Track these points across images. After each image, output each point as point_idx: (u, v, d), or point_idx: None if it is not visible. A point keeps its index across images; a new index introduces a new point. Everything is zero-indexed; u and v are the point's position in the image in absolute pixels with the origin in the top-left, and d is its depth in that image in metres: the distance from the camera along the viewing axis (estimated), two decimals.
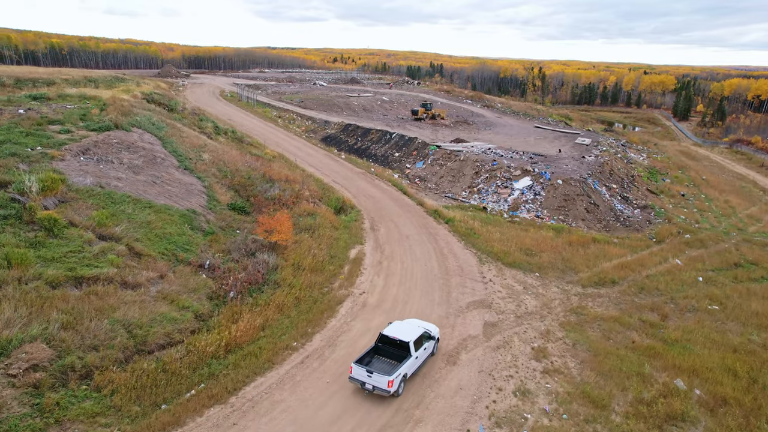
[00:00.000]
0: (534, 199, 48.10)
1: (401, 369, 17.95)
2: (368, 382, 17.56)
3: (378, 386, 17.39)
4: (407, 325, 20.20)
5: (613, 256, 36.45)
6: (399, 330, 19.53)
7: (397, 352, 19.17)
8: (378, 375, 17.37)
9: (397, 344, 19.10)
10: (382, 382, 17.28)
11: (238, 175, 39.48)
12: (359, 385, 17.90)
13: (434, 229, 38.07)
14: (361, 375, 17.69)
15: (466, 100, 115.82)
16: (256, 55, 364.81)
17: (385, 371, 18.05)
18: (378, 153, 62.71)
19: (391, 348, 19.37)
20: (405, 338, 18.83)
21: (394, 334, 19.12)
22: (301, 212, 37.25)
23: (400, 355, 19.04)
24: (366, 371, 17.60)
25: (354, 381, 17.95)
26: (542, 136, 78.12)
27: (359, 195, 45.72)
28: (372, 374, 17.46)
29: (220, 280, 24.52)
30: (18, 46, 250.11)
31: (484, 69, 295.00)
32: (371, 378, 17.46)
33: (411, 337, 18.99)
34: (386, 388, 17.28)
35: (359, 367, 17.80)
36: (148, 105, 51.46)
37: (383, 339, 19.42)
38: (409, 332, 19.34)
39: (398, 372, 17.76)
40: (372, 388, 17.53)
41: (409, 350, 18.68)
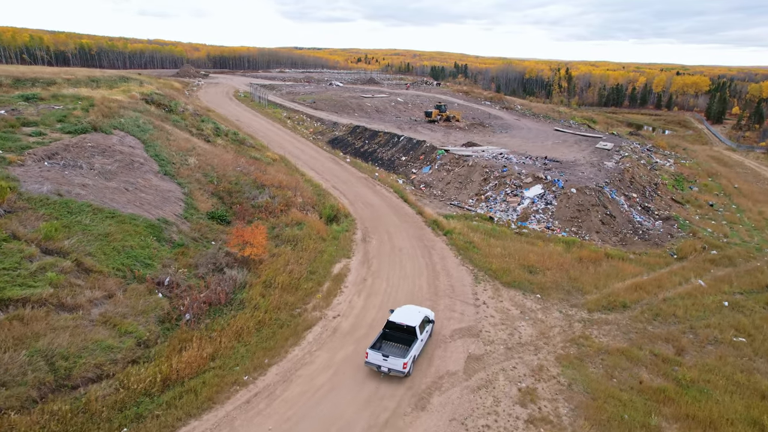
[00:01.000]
0: (545, 208, 44.80)
1: (412, 351, 19.67)
2: (384, 365, 19.11)
3: (394, 368, 18.99)
4: (409, 311, 21.70)
5: (626, 275, 33.07)
6: (404, 316, 21.11)
7: (404, 336, 20.93)
8: (393, 358, 19.00)
9: (404, 329, 20.77)
10: (398, 365, 18.93)
11: (225, 180, 37.44)
12: (375, 368, 19.41)
13: (431, 241, 35.28)
14: (377, 359, 19.17)
15: (484, 102, 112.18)
16: (280, 56, 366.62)
17: (398, 354, 19.82)
18: (384, 157, 60.11)
19: (397, 333, 21.05)
20: (411, 323, 20.52)
21: (400, 320, 20.74)
22: (288, 221, 34.95)
23: (407, 339, 20.82)
24: (382, 355, 19.07)
25: (370, 365, 19.44)
26: (561, 140, 74.27)
27: (357, 202, 43.21)
28: (388, 358, 19.03)
29: (177, 299, 22.32)
30: (50, 46, 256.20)
31: (509, 70, 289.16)
32: (387, 361, 19.04)
33: (416, 321, 20.69)
34: (402, 370, 18.92)
35: (375, 353, 19.31)
36: (146, 106, 50.01)
37: (390, 325, 21.03)
38: (413, 317, 20.99)
39: (410, 354, 19.44)
40: (387, 370, 19.11)
41: (416, 334, 20.49)
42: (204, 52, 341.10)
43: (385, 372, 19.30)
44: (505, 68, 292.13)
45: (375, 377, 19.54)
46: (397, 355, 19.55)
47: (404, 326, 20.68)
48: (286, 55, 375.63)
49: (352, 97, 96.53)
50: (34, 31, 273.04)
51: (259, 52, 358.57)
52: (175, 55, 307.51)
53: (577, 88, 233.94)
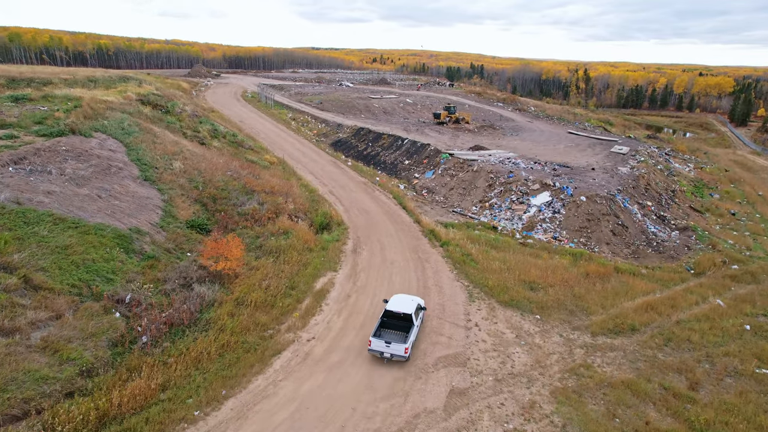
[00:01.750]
0: (552, 217, 42.19)
1: (411, 337, 20.96)
2: (386, 352, 20.32)
3: (396, 354, 20.22)
4: (403, 300, 23.06)
5: (637, 293, 30.44)
6: (400, 304, 22.43)
7: (401, 323, 22.14)
8: (395, 344, 20.20)
9: (401, 317, 22.02)
10: (400, 350, 20.18)
11: (212, 185, 35.67)
12: (378, 355, 20.53)
13: (426, 253, 33.02)
14: (380, 346, 20.33)
15: (496, 103, 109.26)
16: (295, 56, 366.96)
17: (399, 341, 20.93)
18: (387, 160, 57.97)
19: (395, 321, 22.19)
20: (407, 311, 21.86)
21: (397, 308, 22.08)
22: (275, 230, 33.02)
23: (405, 326, 22.06)
24: (384, 342, 20.28)
25: (373, 352, 20.52)
26: (574, 144, 71.28)
27: (352, 209, 41.14)
28: (390, 344, 20.21)
29: (135, 320, 20.47)
30: (69, 47, 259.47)
31: (525, 70, 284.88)
32: (389, 347, 20.22)
33: (411, 309, 22.03)
34: (404, 355, 20.19)
35: (377, 340, 20.42)
36: (140, 107, 48.62)
37: (388, 314, 22.22)
38: (408, 305, 22.35)
39: (410, 340, 20.79)
40: (390, 356, 20.36)
41: (412, 321, 21.87)
42: (220, 52, 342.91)
43: (387, 358, 20.51)
44: (522, 69, 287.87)
45: (341, 413, 17.41)
46: (398, 341, 20.68)
47: (401, 314, 21.95)
48: (301, 56, 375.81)
49: (360, 98, 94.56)
50: (54, 32, 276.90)
51: (274, 53, 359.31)
52: (191, 56, 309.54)
53: (595, 89, 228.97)
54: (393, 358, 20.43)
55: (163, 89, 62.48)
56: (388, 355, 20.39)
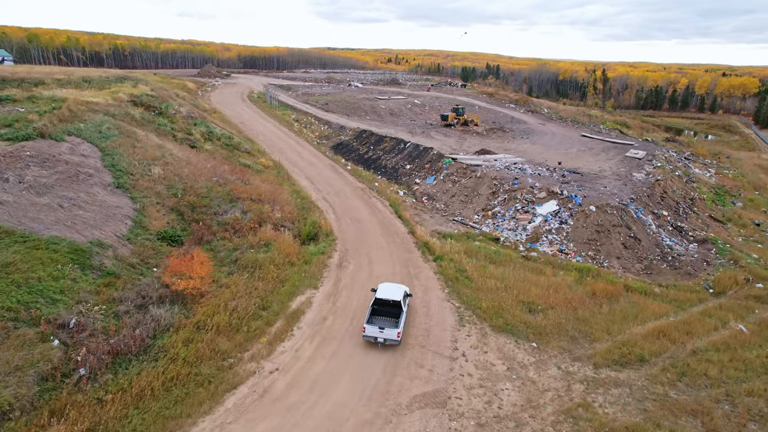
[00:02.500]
0: (559, 228, 39.32)
1: (401, 322, 22.11)
2: (380, 337, 21.39)
3: (389, 338, 21.31)
4: (391, 288, 24.13)
5: (648, 316, 27.59)
6: (388, 292, 23.53)
7: (391, 309, 23.28)
8: (388, 329, 21.32)
9: (391, 304, 23.24)
10: (392, 334, 21.30)
11: (193, 192, 33.61)
12: (372, 340, 21.65)
13: (417, 268, 30.49)
14: (375, 332, 21.40)
15: (508, 104, 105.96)
16: (310, 56, 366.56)
17: (391, 326, 21.89)
18: (388, 164, 55.51)
19: (384, 308, 23.30)
20: (396, 298, 23.04)
21: (387, 296, 23.17)
22: (255, 242, 30.81)
23: (394, 312, 23.21)
24: (378, 328, 21.36)
25: (368, 338, 21.65)
26: (587, 148, 67.96)
27: (344, 217, 38.79)
28: (384, 329, 21.31)
29: (75, 348, 18.35)
30: (85, 47, 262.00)
31: (542, 71, 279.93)
32: (383, 332, 21.32)
33: (399, 296, 23.19)
34: (396, 339, 21.35)
35: (371, 327, 21.44)
36: (129, 108, 46.93)
37: (378, 302, 23.29)
38: (396, 293, 23.53)
39: (401, 325, 21.87)
40: (384, 340, 21.42)
41: (401, 307, 23.08)
42: (235, 52, 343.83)
43: (381, 342, 21.55)
44: (539, 69, 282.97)
45: None
46: (390, 327, 21.71)
47: (391, 301, 23.17)
48: (316, 56, 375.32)
49: (367, 99, 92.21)
50: (71, 33, 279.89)
51: (288, 52, 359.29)
52: (206, 56, 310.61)
53: (613, 90, 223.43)
54: (386, 343, 21.53)
55: (160, 90, 60.88)
56: (382, 339, 21.48)
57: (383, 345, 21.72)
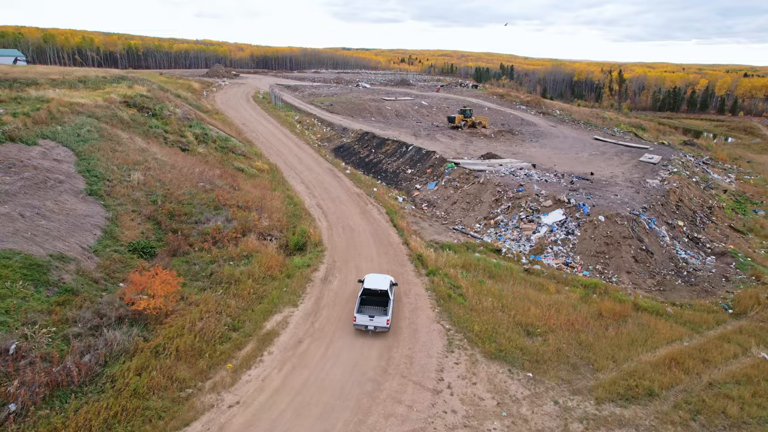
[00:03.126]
0: (565, 239, 36.88)
1: (389, 310, 22.91)
2: (370, 325, 22.19)
3: (379, 325, 22.16)
4: (377, 278, 24.80)
5: (660, 341, 25.18)
6: (375, 283, 24.20)
7: (378, 299, 24.08)
8: (378, 317, 22.13)
9: (378, 293, 24.03)
10: (382, 322, 22.15)
11: (174, 199, 31.85)
12: (363, 328, 22.43)
13: (407, 284, 28.33)
14: (365, 320, 22.17)
15: (519, 106, 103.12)
16: (322, 56, 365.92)
17: (380, 314, 22.69)
18: (389, 169, 53.40)
19: (373, 297, 24.08)
20: (384, 287, 23.73)
21: (374, 286, 23.85)
22: (236, 253, 28.95)
23: (382, 301, 24.00)
24: (368, 317, 22.11)
25: (358, 326, 22.42)
26: (599, 152, 65.12)
27: (337, 226, 36.77)
28: (373, 317, 22.08)
29: (8, 379, 16.55)
30: (100, 47, 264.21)
31: (557, 71, 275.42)
32: (373, 320, 22.12)
33: (386, 286, 23.89)
34: (386, 326, 22.19)
35: (362, 315, 22.20)
36: (118, 110, 45.46)
37: (366, 292, 24.04)
38: (382, 283, 24.23)
39: (389, 313, 22.70)
40: (374, 328, 22.25)
41: (388, 296, 23.72)
42: (248, 52, 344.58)
43: (372, 330, 22.46)
44: (553, 70, 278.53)
45: None
46: (379, 315, 22.59)
47: (378, 291, 23.99)
48: (329, 56, 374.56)
49: (373, 100, 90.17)
50: (86, 33, 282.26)
51: (301, 52, 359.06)
52: (219, 56, 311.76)
53: (629, 91, 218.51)
54: (377, 330, 22.46)
55: (157, 91, 59.47)
56: (372, 327, 22.35)
57: (374, 332, 22.72)
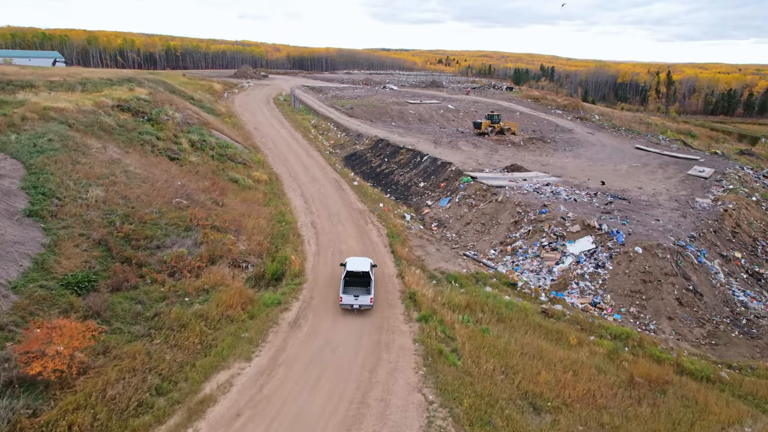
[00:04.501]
0: (594, 273, 31.17)
1: (372, 289, 24.99)
2: (355, 303, 24.27)
3: (363, 304, 24.25)
4: (358, 261, 26.72)
5: (711, 424, 19.46)
6: (357, 265, 25.98)
7: (360, 280, 25.75)
8: (362, 297, 24.26)
9: (361, 275, 25.73)
10: (366, 300, 24.28)
11: (137, 219, 28.00)
12: (349, 307, 24.39)
13: (392, 333, 23.41)
14: (351, 300, 24.20)
15: (555, 110, 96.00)
16: (358, 57, 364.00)
17: (364, 294, 24.73)
18: (401, 180, 48.50)
19: (355, 278, 25.72)
20: (365, 269, 25.65)
21: (356, 268, 25.69)
22: (194, 287, 24.82)
23: (364, 282, 25.74)
24: (353, 296, 24.20)
25: (344, 306, 24.35)
26: (641, 163, 58.24)
27: (326, 251, 32.23)
28: (358, 297, 24.20)
29: None
30: (140, 49, 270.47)
31: (599, 73, 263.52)
32: (358, 299, 24.20)
33: (367, 267, 25.89)
34: (370, 304, 24.38)
35: (347, 296, 24.24)
36: (115, 114, 42.52)
37: (349, 274, 25.64)
38: (363, 265, 26.13)
39: (372, 292, 24.87)
40: (359, 307, 24.33)
41: (370, 276, 25.59)
42: (284, 52, 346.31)
43: (357, 309, 24.20)
44: (596, 71, 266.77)
45: None
46: (363, 294, 24.34)
47: (360, 272, 25.42)
48: (364, 56, 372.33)
49: (396, 103, 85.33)
50: (127, 35, 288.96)
51: (337, 53, 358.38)
52: (256, 56, 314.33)
53: (678, 94, 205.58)
54: (361, 308, 24.22)
55: (161, 93, 56.57)
56: (357, 306, 24.09)
57: (358, 311, 24.47)
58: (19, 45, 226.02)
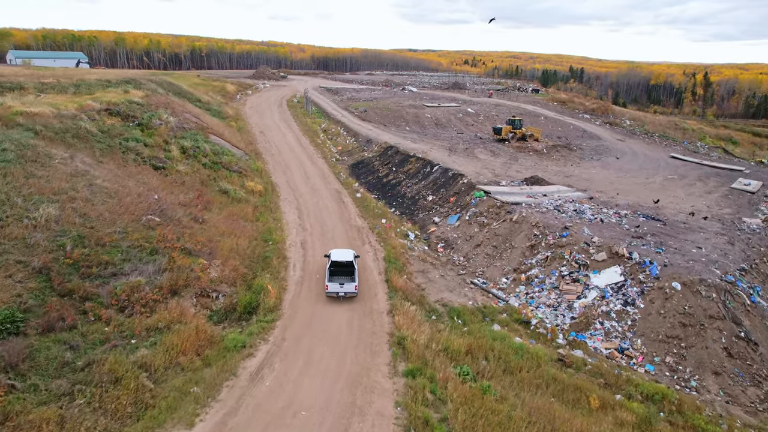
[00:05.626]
0: (622, 312, 26.49)
1: (356, 277, 26.08)
2: (341, 291, 25.35)
3: (348, 291, 25.37)
4: (342, 252, 27.65)
5: None
6: (341, 255, 26.95)
7: (344, 269, 26.67)
8: (347, 284, 25.47)
9: (344, 264, 26.65)
10: (351, 288, 25.39)
11: (92, 242, 24.63)
12: (335, 295, 25.40)
13: (370, 391, 19.29)
14: (336, 288, 25.26)
15: (582, 114, 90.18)
16: (383, 57, 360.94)
17: (349, 281, 25.89)
18: (408, 193, 44.33)
19: (339, 268, 26.63)
20: (349, 259, 26.65)
21: (340, 258, 26.67)
22: (147, 327, 21.29)
23: (347, 271, 26.67)
24: (339, 284, 25.29)
25: (331, 294, 25.38)
26: (677, 175, 52.69)
27: (311, 279, 28.33)
28: (343, 285, 25.34)
29: None
30: (166, 49, 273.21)
31: (631, 74, 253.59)
32: (343, 287, 25.31)
33: (351, 257, 26.87)
34: (354, 291, 25.47)
35: (332, 284, 25.31)
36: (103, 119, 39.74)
37: (334, 264, 26.54)
38: (347, 255, 27.06)
39: (356, 279, 25.94)
40: (344, 294, 25.40)
41: (353, 266, 26.52)
42: (309, 53, 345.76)
43: (342, 296, 25.49)
44: (628, 73, 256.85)
45: None
46: (348, 282, 25.77)
47: (345, 262, 26.69)
48: (389, 57, 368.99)
49: (413, 106, 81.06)
50: (154, 35, 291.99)
51: (362, 54, 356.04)
52: (280, 56, 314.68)
53: (716, 96, 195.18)
54: (347, 296, 25.50)
55: (159, 95, 53.74)
56: (342, 293, 25.41)
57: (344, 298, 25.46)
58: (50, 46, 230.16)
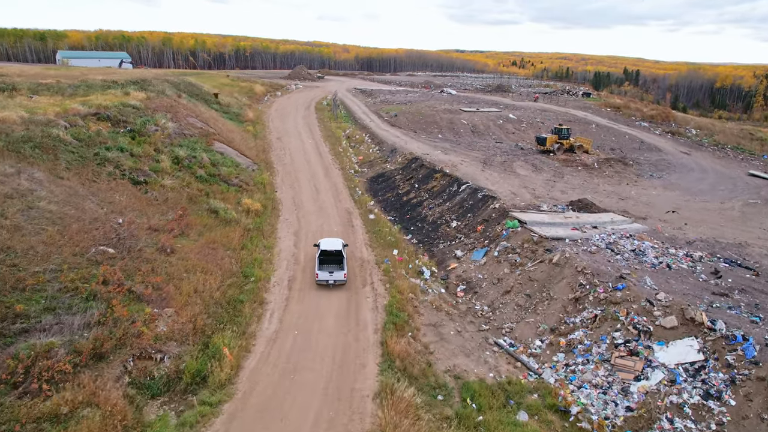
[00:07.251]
0: (701, 407, 19.17)
1: (345, 266, 26.75)
2: (331, 279, 26.18)
3: (338, 279, 26.26)
4: (331, 241, 28.36)
5: None
6: (330, 244, 27.67)
7: (334, 258, 27.26)
8: (336, 272, 26.30)
9: (334, 253, 27.25)
10: (340, 276, 26.25)
11: (10, 285, 19.65)
12: (324, 283, 26.28)
13: None
14: (326, 276, 26.11)
15: (639, 122, 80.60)
16: (428, 58, 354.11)
17: (338, 270, 26.58)
18: (429, 216, 37.82)
19: (329, 257, 27.22)
20: (338, 248, 27.29)
21: (329, 247, 27.33)
22: (39, 415, 15.92)
23: (337, 260, 27.26)
24: (328, 272, 26.17)
25: (320, 282, 26.24)
26: (761, 198, 43.74)
27: (288, 334, 22.44)
28: (333, 273, 26.20)
29: None
30: (211, 49, 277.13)
31: (693, 76, 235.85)
32: (332, 275, 26.16)
33: (339, 246, 27.57)
34: (344, 279, 26.37)
35: (322, 272, 26.15)
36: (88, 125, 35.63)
37: (323, 253, 27.15)
38: (336, 244, 27.79)
39: (345, 268, 26.67)
40: (334, 282, 26.29)
41: (342, 254, 27.20)
42: (353, 53, 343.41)
43: (332, 283, 26.33)
44: (688, 75, 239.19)
45: None
46: (337, 270, 26.49)
47: (334, 251, 27.22)
48: (435, 58, 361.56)
49: (448, 111, 74.17)
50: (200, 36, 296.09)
51: (406, 54, 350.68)
52: (324, 57, 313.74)
53: None
54: (336, 283, 26.34)
55: (164, 98, 49.46)
56: (332, 281, 26.21)
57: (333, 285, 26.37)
58: (102, 47, 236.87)
